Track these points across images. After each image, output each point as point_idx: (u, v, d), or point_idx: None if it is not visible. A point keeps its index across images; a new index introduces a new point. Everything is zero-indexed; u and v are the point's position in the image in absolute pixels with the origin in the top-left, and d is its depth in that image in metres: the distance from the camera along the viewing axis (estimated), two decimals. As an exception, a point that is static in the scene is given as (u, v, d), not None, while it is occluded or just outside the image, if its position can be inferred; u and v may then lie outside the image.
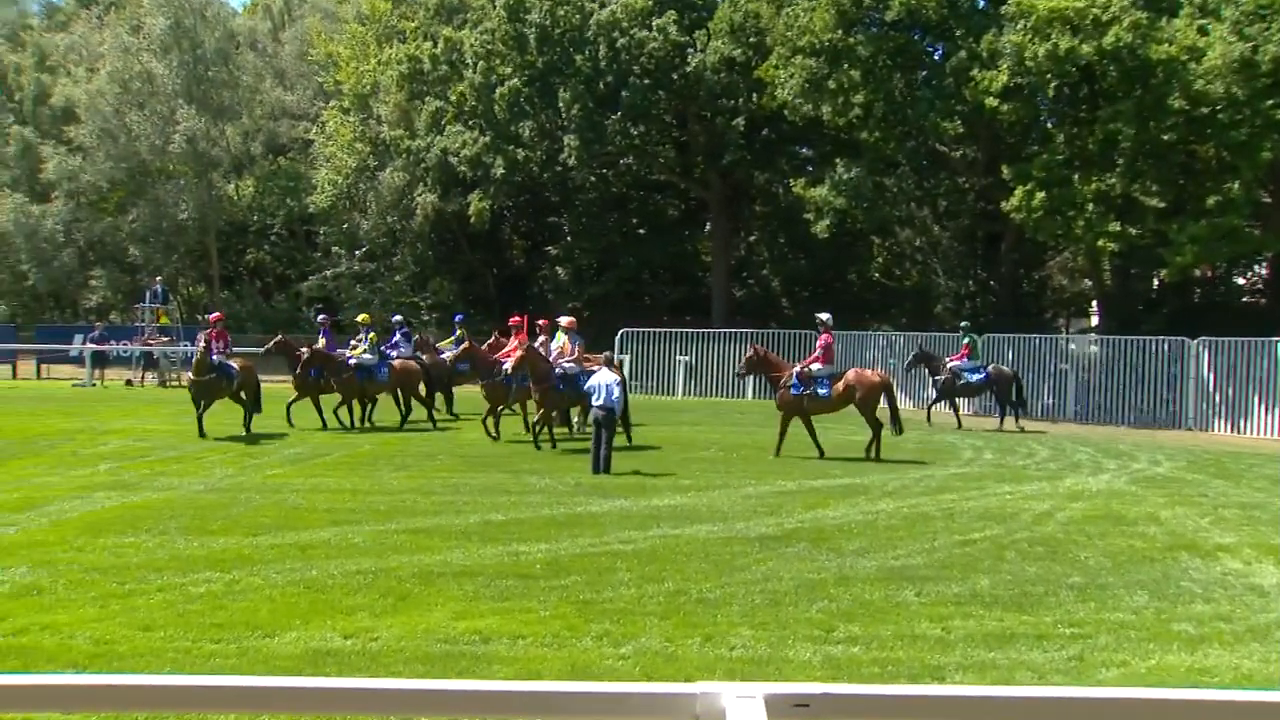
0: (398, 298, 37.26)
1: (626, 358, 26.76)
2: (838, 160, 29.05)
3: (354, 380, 19.20)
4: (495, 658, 6.49)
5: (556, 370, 16.49)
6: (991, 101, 24.41)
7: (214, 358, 17.57)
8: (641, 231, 38.34)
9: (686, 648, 6.74)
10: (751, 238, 39.34)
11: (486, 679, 5.86)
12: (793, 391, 16.05)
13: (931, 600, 7.94)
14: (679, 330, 30.13)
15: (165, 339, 31.25)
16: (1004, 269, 30.92)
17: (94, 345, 30.14)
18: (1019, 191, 24.22)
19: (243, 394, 18.11)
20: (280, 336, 20.85)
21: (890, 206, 29.58)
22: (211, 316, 19.84)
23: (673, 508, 11.64)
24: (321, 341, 20.10)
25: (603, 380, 14.52)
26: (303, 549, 9.22)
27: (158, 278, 33.97)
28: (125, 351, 31.43)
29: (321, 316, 22.89)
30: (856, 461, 15.75)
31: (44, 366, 32.23)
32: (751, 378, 23.08)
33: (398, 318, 22.98)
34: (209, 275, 41.68)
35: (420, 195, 35.20)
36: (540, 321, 19.99)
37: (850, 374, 16.71)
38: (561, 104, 31.58)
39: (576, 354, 17.01)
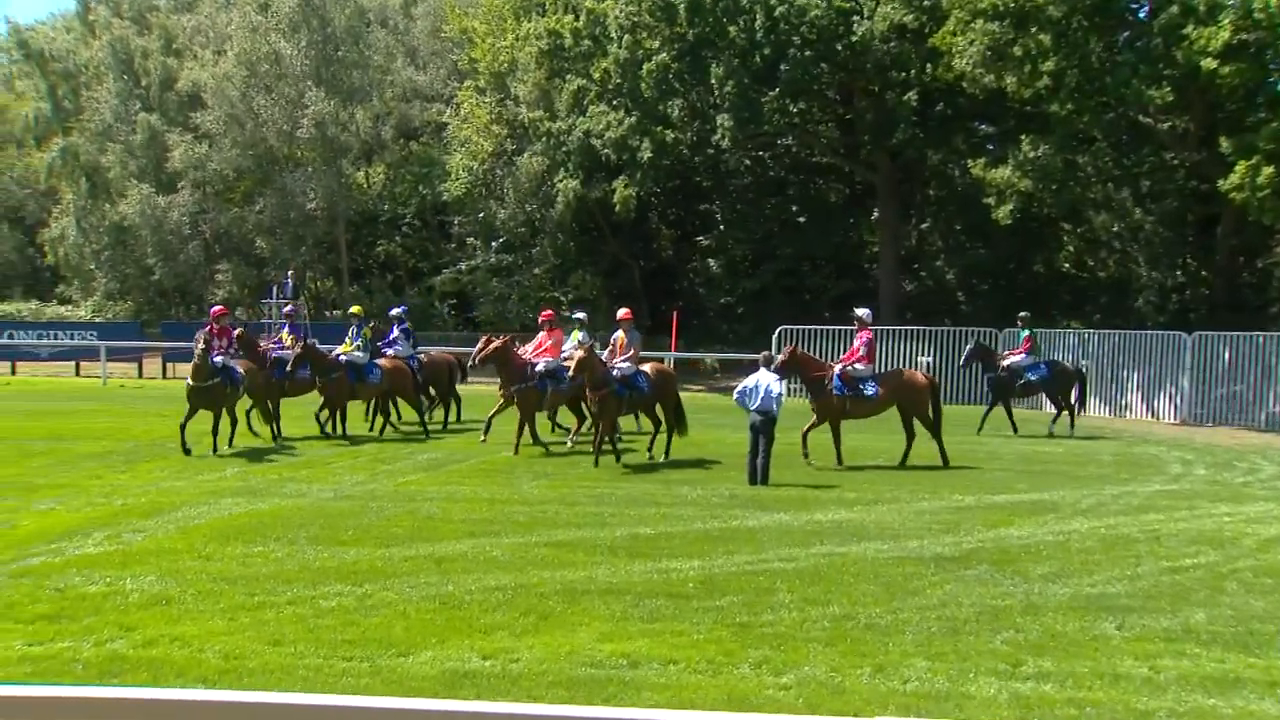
0: (536, 292, 37.88)
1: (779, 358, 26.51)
2: (1023, 137, 28.20)
3: (345, 381, 18.52)
4: (645, 683, 6.51)
5: (616, 372, 15.95)
6: (1209, 63, 23.28)
7: (216, 359, 16.50)
8: (801, 219, 38.05)
9: (855, 678, 6.64)
10: (923, 225, 38.59)
11: (637, 706, 5.90)
12: (835, 393, 16.06)
13: (1136, 635, 7.62)
14: (842, 328, 29.71)
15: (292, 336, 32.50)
16: (1220, 257, 29.50)
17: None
18: (1241, 167, 23.05)
19: (261, 406, 17.80)
20: (240, 331, 19.42)
21: (1083, 188, 28.58)
22: (213, 310, 18.92)
23: (837, 523, 11.52)
24: (288, 339, 19.77)
25: (760, 382, 14.45)
26: (438, 562, 9.46)
27: (288, 271, 35.36)
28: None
29: (288, 309, 22.76)
30: (1041, 474, 15.28)
31: (170, 365, 33.98)
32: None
33: (396, 310, 22.12)
34: (337, 268, 43.21)
35: (561, 181, 35.68)
36: (545, 314, 19.78)
37: (897, 374, 17.26)
38: (714, 80, 31.57)
39: (634, 352, 16.43)
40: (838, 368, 16.41)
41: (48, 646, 6.99)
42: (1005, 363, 21.19)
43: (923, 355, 28.41)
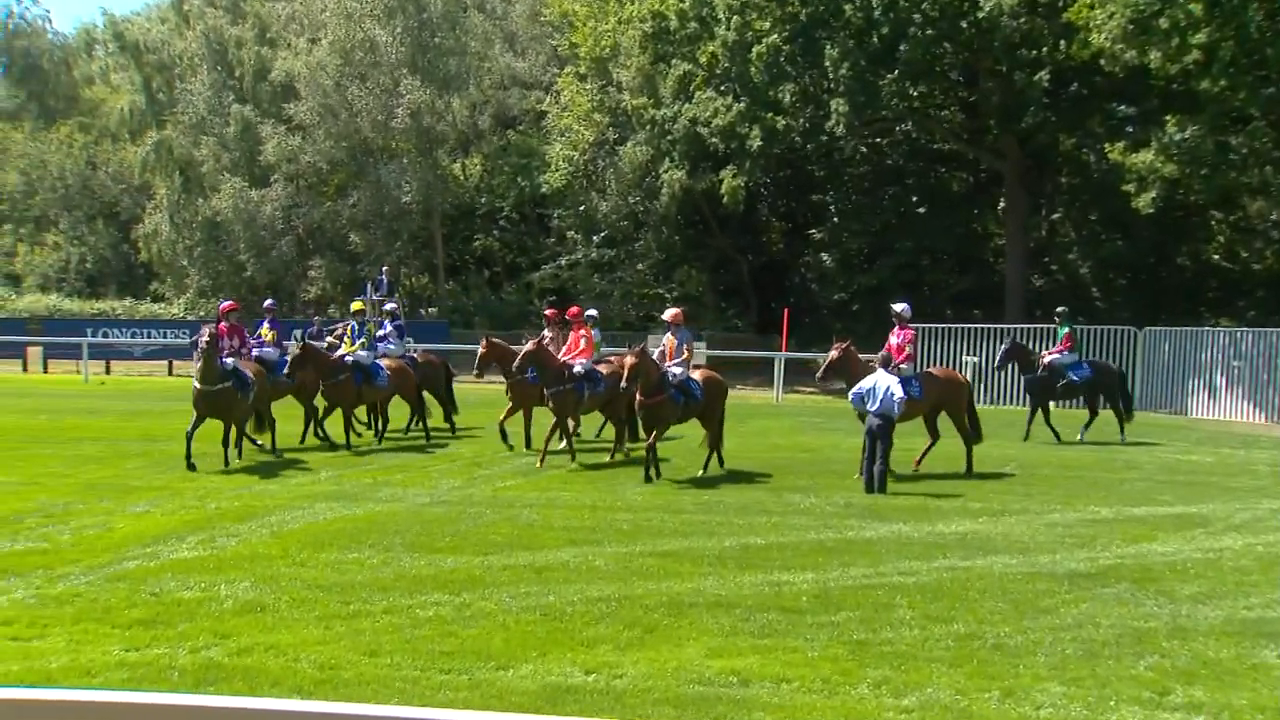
0: (639, 289, 38.07)
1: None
2: (1168, 117, 27.42)
3: (351, 384, 17.75)
4: (757, 703, 6.50)
5: (673, 374, 15.30)
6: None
7: (225, 361, 15.66)
8: (921, 210, 37.57)
9: (982, 703, 6.53)
10: (1055, 215, 37.79)
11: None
12: None
13: (1301, 665, 7.36)
14: (965, 326, 29.31)
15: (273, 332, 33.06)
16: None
17: (311, 342, 32.25)
18: None
19: (258, 410, 16.95)
20: (210, 330, 19.13)
21: (1238, 172, 27.65)
22: (223, 306, 18.11)
23: (961, 535, 11.35)
24: (269, 334, 19.24)
25: (878, 383, 14.31)
26: (538, 571, 9.55)
27: (383, 267, 36.02)
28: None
29: (268, 303, 21.87)
30: (1188, 485, 14.87)
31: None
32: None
33: (390, 305, 21.29)
34: (433, 264, 43.93)
35: (666, 172, 35.76)
36: (548, 312, 19.42)
37: (939, 373, 16.96)
38: (828, 62, 31.33)
39: (686, 354, 15.70)
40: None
41: (144, 652, 7.23)
42: (1045, 361, 20.58)
43: (968, 355, 27.98)
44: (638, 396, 14.93)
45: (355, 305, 20.15)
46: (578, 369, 16.46)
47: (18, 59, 58.06)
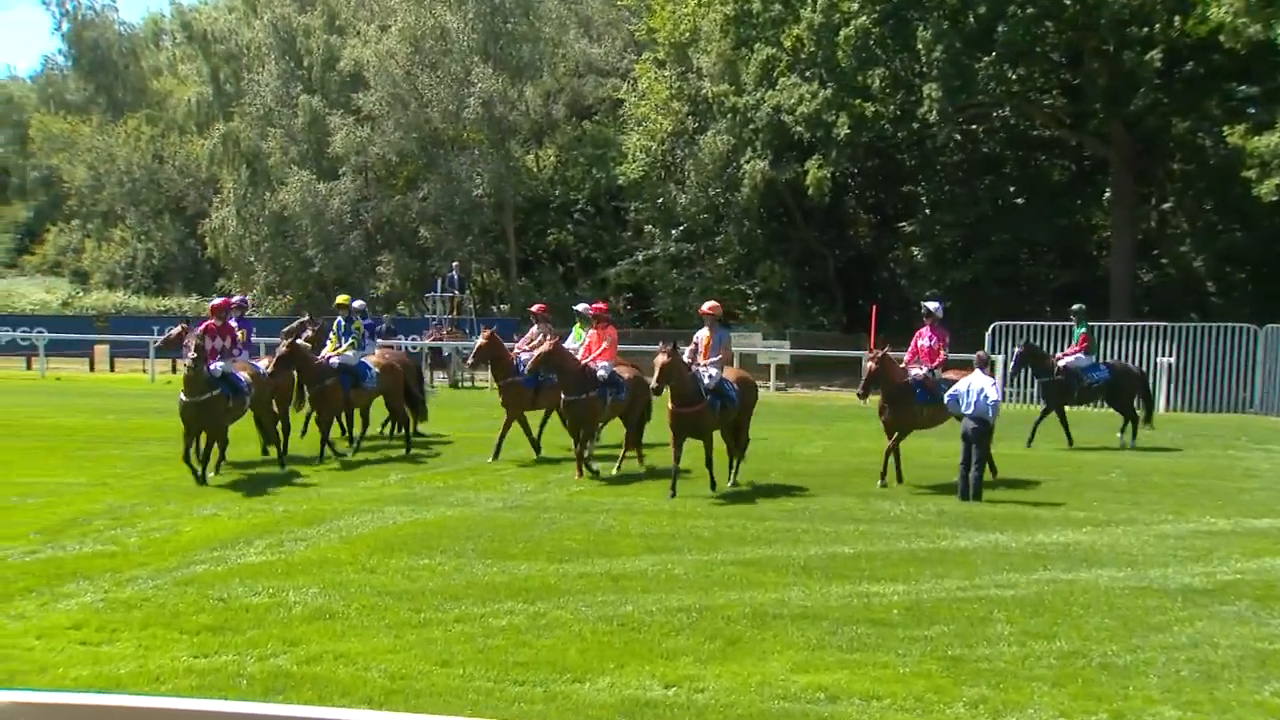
0: (719, 284, 37.96)
1: (1000, 357, 25.92)
2: (1294, 98, 26.77)
3: (338, 389, 16.78)
4: (845, 721, 6.47)
5: (705, 379, 14.25)
6: None
7: (214, 367, 14.68)
8: (1019, 201, 37.07)
9: (1089, 727, 6.45)
10: (1165, 205, 37.07)
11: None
12: (918, 400, 15.17)
13: None
14: (1066, 324, 28.76)
15: (458, 332, 33.47)
16: None
17: (381, 340, 32.58)
18: None
19: (260, 418, 16.22)
20: (179, 329, 17.47)
21: (1370, 157, 26.88)
22: (213, 304, 16.57)
23: (1063, 546, 11.20)
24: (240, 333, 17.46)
25: (974, 385, 14.15)
26: (615, 579, 9.59)
27: (453, 263, 36.34)
28: (413, 348, 33.94)
29: (238, 299, 20.31)
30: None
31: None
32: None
33: (359, 303, 19.59)
34: (505, 259, 44.23)
35: (748, 162, 35.67)
36: (536, 308, 19.00)
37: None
38: (920, 45, 31.02)
39: (723, 355, 14.88)
40: (917, 371, 15.41)
41: (212, 659, 7.39)
42: (1062, 363, 20.00)
43: (1164, 356, 27.29)
44: (669, 405, 13.94)
45: (340, 299, 18.83)
46: (601, 373, 15.58)
47: (86, 51, 59.49)
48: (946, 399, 14.64)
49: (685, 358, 14.39)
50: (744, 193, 36.26)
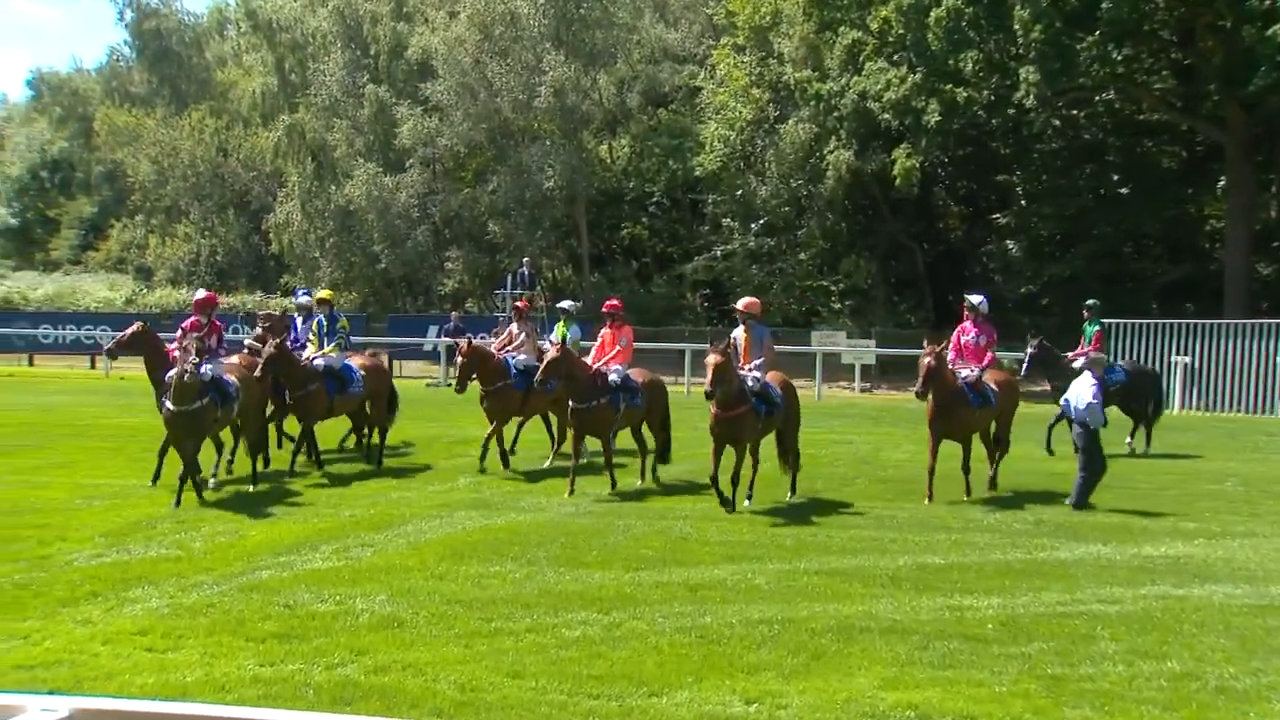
0: (802, 280, 37.80)
1: (1103, 358, 25.50)
2: None
3: (323, 395, 15.92)
4: (937, 743, 6.41)
5: (750, 382, 13.56)
6: None
7: (204, 370, 13.54)
8: (1123, 190, 36.44)
9: (1202, 753, 6.33)
10: (1286, 193, 36.29)
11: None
12: (971, 404, 14.48)
13: None
14: (1176, 322, 28.34)
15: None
16: None
17: (448, 338, 32.82)
18: None
19: (244, 427, 15.15)
20: (135, 326, 15.53)
21: None
22: (197, 297, 15.67)
23: (1173, 559, 11.02)
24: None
25: (1081, 387, 14.02)
26: (693, 589, 9.59)
27: (524, 258, 36.50)
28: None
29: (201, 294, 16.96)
30: None
31: (397, 363, 35.65)
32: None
33: (304, 297, 18.69)
34: (577, 255, 44.36)
35: (832, 152, 35.49)
36: (518, 304, 18.36)
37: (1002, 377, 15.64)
38: (1018, 25, 30.62)
39: (766, 356, 13.98)
40: (967, 373, 14.70)
41: (278, 668, 7.50)
42: (1077, 364, 19.36)
43: (1179, 355, 26.86)
44: (712, 409, 13.26)
45: (321, 294, 17.94)
46: (613, 378, 14.87)
47: (149, 42, 60.55)
48: (1062, 402, 14.55)
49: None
50: (827, 184, 36.07)
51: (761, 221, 39.13)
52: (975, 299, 15.51)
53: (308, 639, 8.11)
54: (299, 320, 18.02)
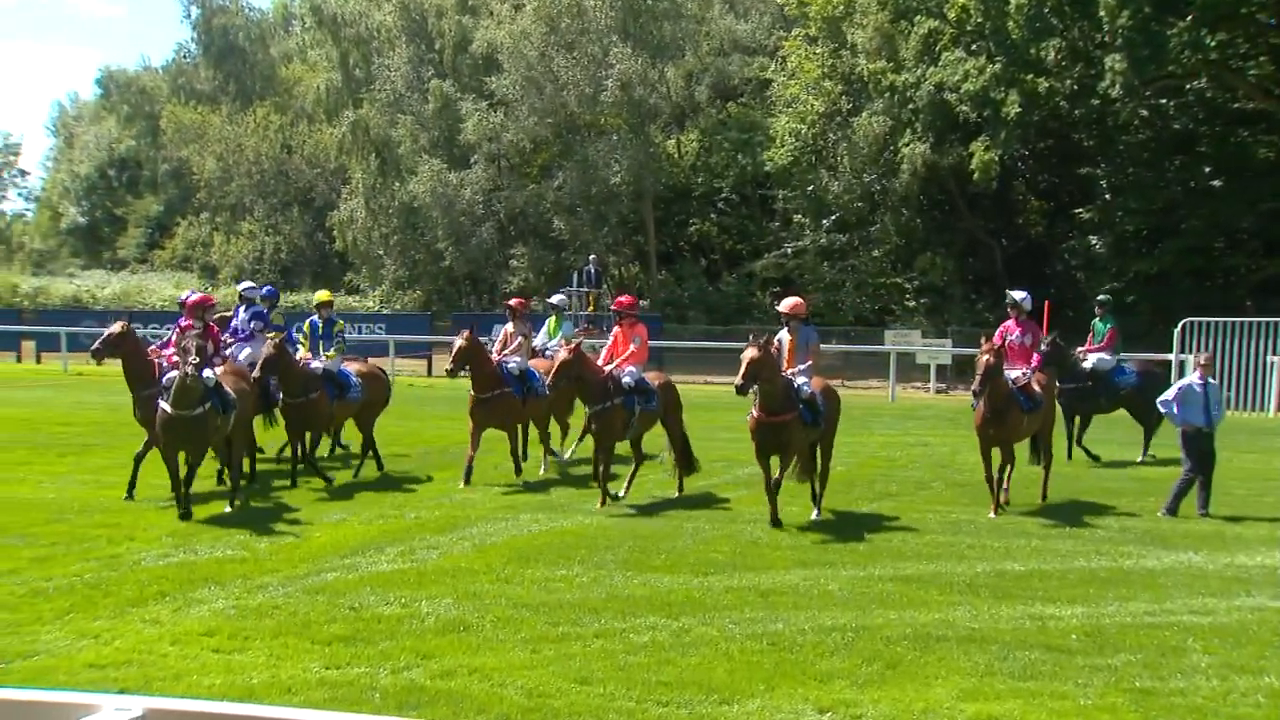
0: (875, 278, 37.53)
1: (1189, 357, 25.12)
2: None
3: (324, 401, 15.14)
4: (1019, 756, 6.35)
5: (798, 385, 12.88)
6: None
7: (206, 374, 12.79)
8: (1216, 183, 35.79)
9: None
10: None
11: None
12: (1022, 409, 13.83)
13: None
14: (1271, 320, 27.79)
15: (594, 329, 33.79)
16: None
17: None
18: None
19: (233, 440, 13.76)
20: (119, 326, 14.37)
21: None
22: (190, 299, 14.89)
23: (1270, 570, 10.84)
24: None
25: (1182, 388, 13.87)
26: (764, 595, 9.57)
27: (590, 256, 36.61)
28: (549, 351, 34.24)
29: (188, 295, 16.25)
30: None
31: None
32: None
33: (245, 285, 17.52)
34: (644, 252, 44.40)
35: (907, 146, 35.22)
36: (513, 302, 17.15)
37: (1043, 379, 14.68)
38: (1103, 11, 30.18)
39: (812, 360, 13.41)
40: (1016, 375, 14.00)
41: (344, 671, 7.58)
42: (1086, 365, 18.44)
43: (1275, 355, 26.24)
44: (754, 412, 12.65)
45: (320, 295, 17.11)
46: (626, 380, 13.98)
47: (215, 39, 61.48)
48: (1160, 403, 14.34)
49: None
50: (902, 178, 35.79)
51: (833, 217, 38.92)
52: (1018, 295, 14.93)
53: (373, 642, 8.19)
54: (241, 310, 16.92)
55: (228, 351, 15.23)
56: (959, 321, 35.55)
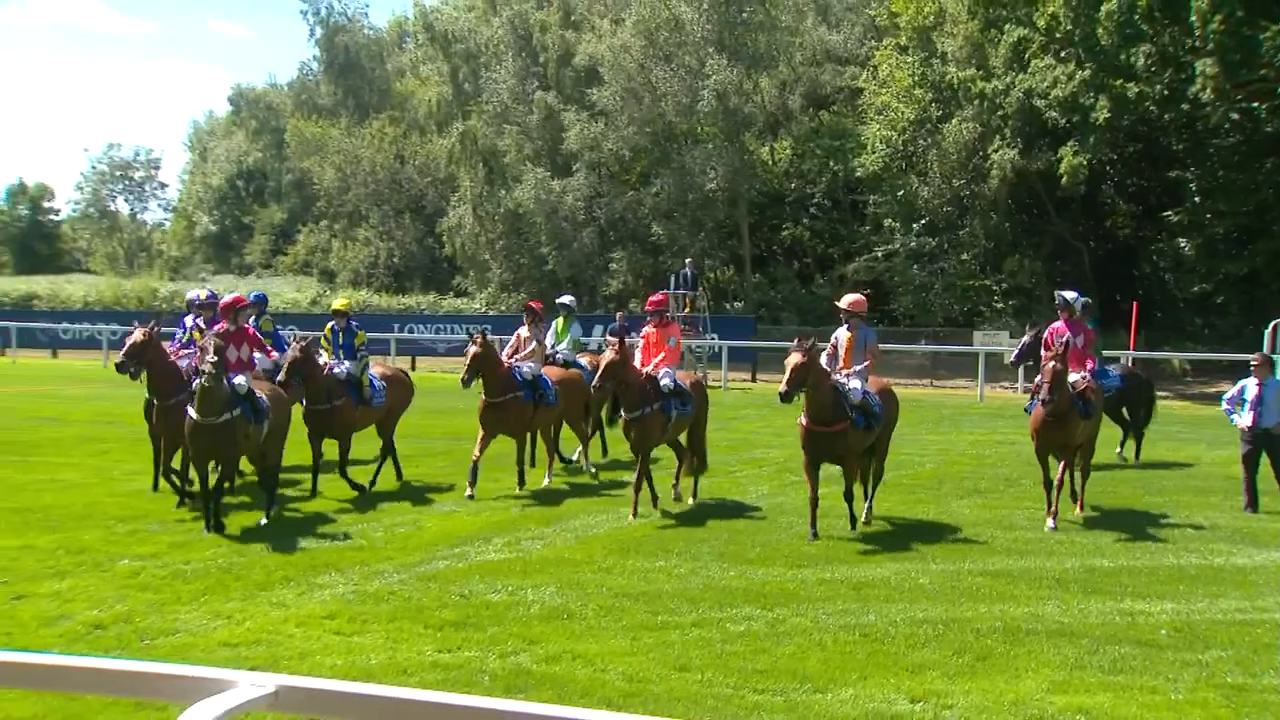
0: (963, 280, 37.08)
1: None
2: None
3: (350, 409, 14.09)
4: (1109, 748, 6.23)
5: (850, 388, 11.95)
6: None
7: (236, 380, 11.93)
8: (1307, 185, 34.81)
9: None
10: None
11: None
12: (1083, 415, 12.80)
13: None
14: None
15: (691, 330, 33.82)
16: None
17: (613, 337, 33.09)
18: None
19: (266, 451, 12.75)
20: (140, 334, 12.82)
21: None
22: (224, 300, 13.67)
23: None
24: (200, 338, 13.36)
25: (1249, 387, 13.49)
26: (856, 588, 9.50)
27: (687, 259, 36.65)
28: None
29: (194, 294, 15.79)
30: None
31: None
32: None
33: (195, 295, 15.83)
34: (738, 255, 44.26)
35: (996, 151, 34.73)
36: (531, 303, 16.13)
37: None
38: (1194, 16, 29.46)
39: (869, 362, 12.35)
40: (1078, 378, 12.80)
41: (456, 654, 7.67)
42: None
43: None
44: (802, 420, 11.80)
45: (339, 303, 15.88)
46: (666, 382, 13.01)
47: (338, 55, 62.55)
48: (1223, 404, 14.00)
49: (823, 362, 11.97)
50: (991, 183, 35.29)
51: (923, 221, 38.49)
52: (1069, 296, 13.72)
53: (482, 627, 8.28)
54: (189, 318, 15.12)
55: (183, 364, 13.30)
56: (1048, 322, 34.95)
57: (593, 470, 15.95)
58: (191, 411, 11.46)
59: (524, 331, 15.32)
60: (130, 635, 8.16)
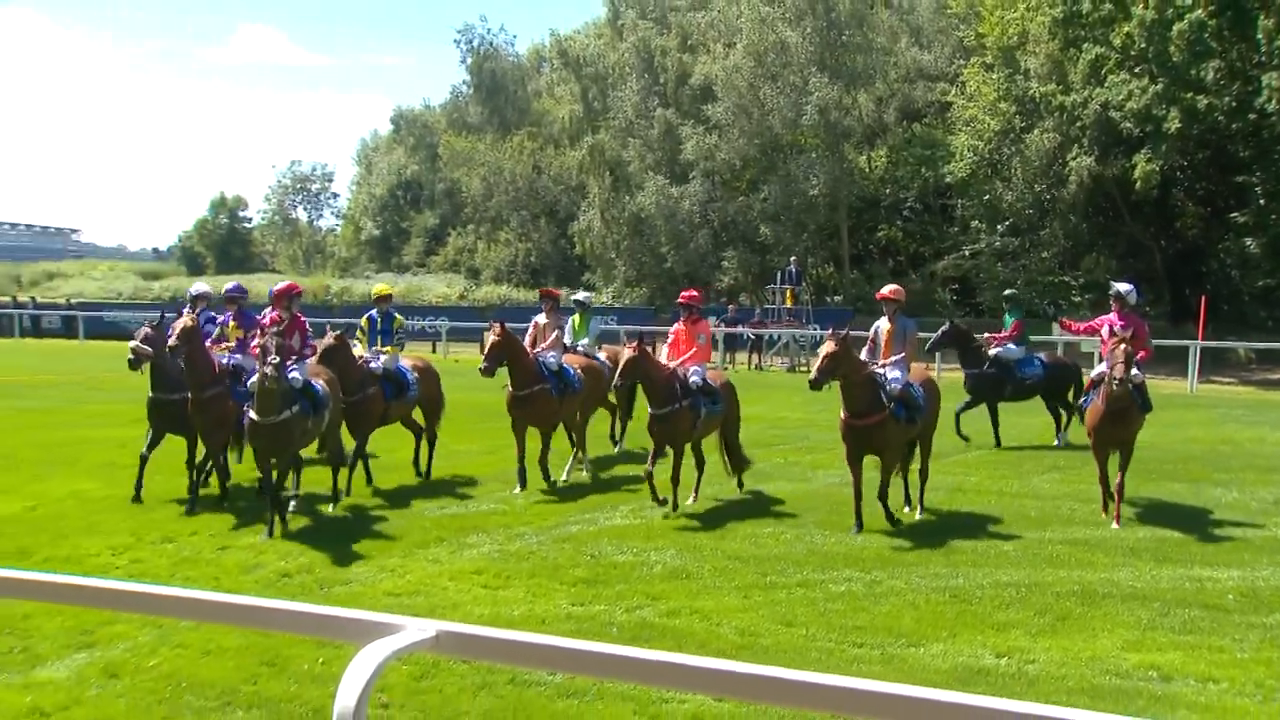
0: (1044, 276, 36.32)
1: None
2: None
3: (379, 399, 12.60)
4: (1180, 700, 6.07)
5: (890, 379, 10.74)
6: None
7: (293, 374, 10.64)
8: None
9: None
10: None
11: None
12: (1140, 409, 11.40)
13: None
14: None
15: (795, 322, 33.64)
16: None
17: (725, 328, 33.18)
18: None
19: (325, 438, 11.69)
20: (190, 317, 11.41)
21: None
22: (276, 289, 11.83)
23: None
24: (235, 331, 12.35)
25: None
26: (947, 554, 9.38)
27: (791, 258, 36.51)
28: (771, 336, 34.12)
29: (230, 287, 13.13)
30: None
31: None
32: None
33: (197, 285, 13.75)
34: (838, 254, 43.90)
35: (1074, 159, 33.90)
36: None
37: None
38: (1260, 34, 28.47)
39: (908, 352, 11.07)
40: (1137, 374, 11.07)
41: (587, 608, 7.76)
42: (992, 352, 16.33)
43: None
44: (841, 414, 10.56)
45: (379, 288, 14.18)
46: (694, 379, 11.48)
47: (484, 79, 63.38)
48: None
49: (863, 355, 10.90)
50: (1069, 188, 34.52)
51: (1007, 223, 37.82)
52: (1123, 288, 12.08)
53: (610, 585, 8.35)
54: (185, 310, 12.19)
55: (225, 360, 11.90)
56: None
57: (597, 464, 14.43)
58: (251, 412, 10.28)
59: (542, 319, 13.67)
60: (311, 584, 8.42)
